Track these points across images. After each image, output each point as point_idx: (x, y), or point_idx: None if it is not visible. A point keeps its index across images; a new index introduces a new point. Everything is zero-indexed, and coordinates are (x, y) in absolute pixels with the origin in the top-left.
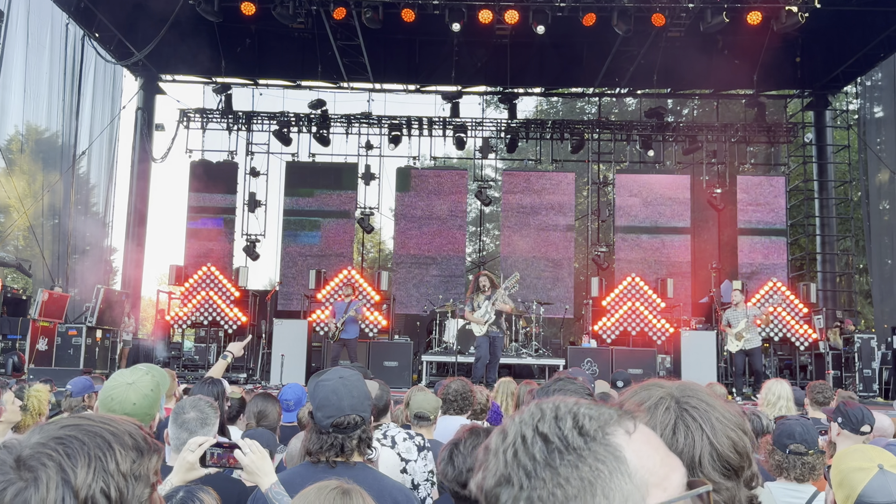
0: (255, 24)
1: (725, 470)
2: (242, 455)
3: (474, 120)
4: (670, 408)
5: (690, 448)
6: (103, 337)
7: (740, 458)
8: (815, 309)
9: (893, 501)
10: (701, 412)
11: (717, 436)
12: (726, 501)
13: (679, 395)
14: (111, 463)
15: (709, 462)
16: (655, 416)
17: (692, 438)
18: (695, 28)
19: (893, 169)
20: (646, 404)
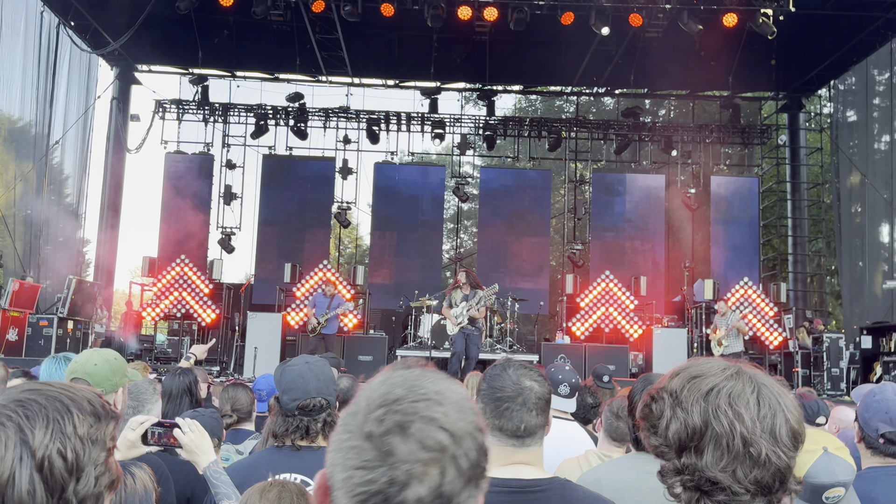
0: (233, 15)
1: (793, 440)
2: (182, 434)
3: (453, 116)
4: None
5: (772, 416)
6: (74, 328)
7: (802, 433)
8: (785, 309)
9: (837, 481)
10: (774, 391)
11: (791, 411)
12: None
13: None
14: (69, 426)
15: (786, 431)
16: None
17: (772, 408)
18: (672, 29)
19: (865, 172)
20: (727, 370)
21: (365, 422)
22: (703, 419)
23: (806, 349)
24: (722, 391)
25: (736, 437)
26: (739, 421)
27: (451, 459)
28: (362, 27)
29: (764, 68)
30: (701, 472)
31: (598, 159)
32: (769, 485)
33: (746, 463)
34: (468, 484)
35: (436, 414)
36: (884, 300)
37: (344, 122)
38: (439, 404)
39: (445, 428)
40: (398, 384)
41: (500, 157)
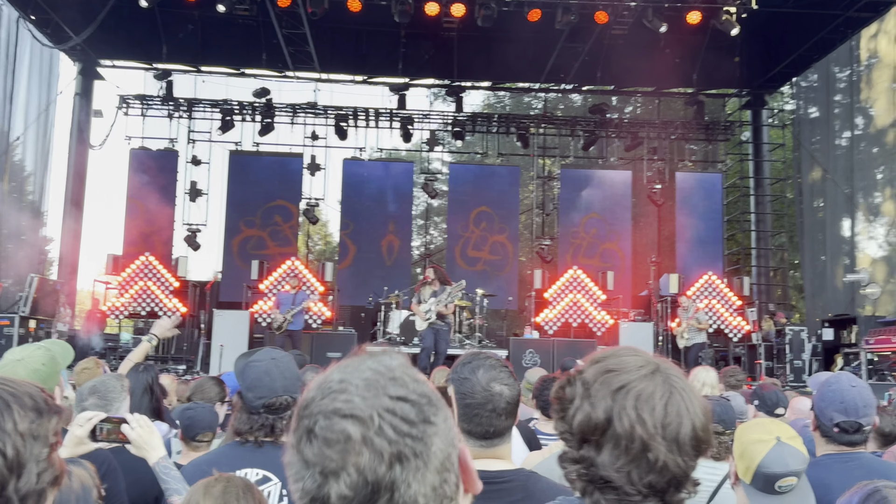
0: (198, 9)
1: (696, 447)
2: (130, 430)
3: (421, 112)
4: (659, 378)
5: (678, 421)
6: (37, 327)
7: (708, 440)
8: (748, 302)
9: (789, 471)
10: (687, 395)
11: (698, 416)
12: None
13: (662, 367)
14: (8, 423)
15: (689, 438)
16: (650, 382)
17: (680, 415)
18: (637, 27)
19: (826, 168)
20: (643, 369)
21: (291, 436)
22: (606, 416)
23: (769, 341)
24: (631, 391)
25: (635, 440)
26: (641, 424)
27: (364, 443)
28: (329, 22)
29: (728, 66)
30: (596, 468)
31: (565, 155)
32: (663, 489)
33: (643, 466)
34: (398, 461)
35: (336, 404)
36: (845, 293)
37: (312, 117)
38: (341, 392)
39: (349, 415)
40: (314, 386)
41: (468, 154)
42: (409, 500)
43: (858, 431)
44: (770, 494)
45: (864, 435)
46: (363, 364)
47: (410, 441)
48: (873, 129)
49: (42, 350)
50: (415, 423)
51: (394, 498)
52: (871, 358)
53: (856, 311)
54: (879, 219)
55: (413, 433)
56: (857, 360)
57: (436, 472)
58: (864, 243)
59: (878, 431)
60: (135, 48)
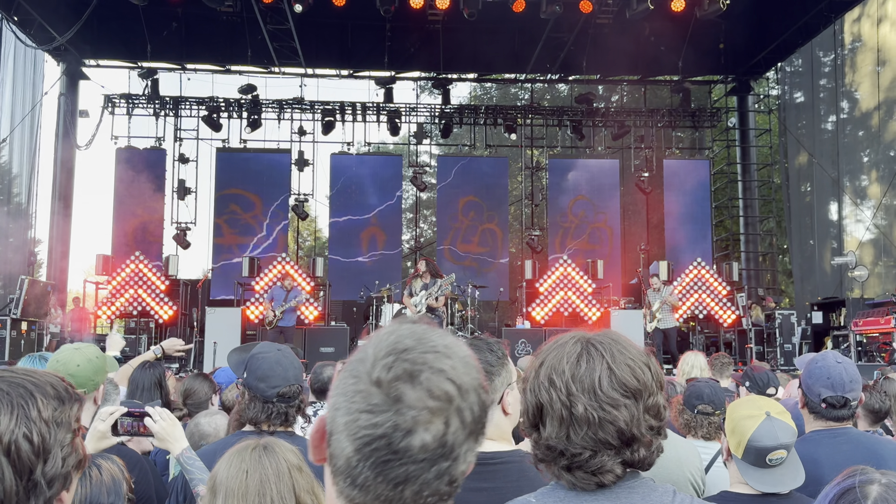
0: (182, 6)
1: (623, 390)
2: (153, 422)
3: (408, 105)
4: (579, 342)
5: (591, 372)
6: (28, 329)
7: (638, 382)
8: (737, 287)
9: (779, 444)
10: (605, 346)
11: (616, 363)
12: (626, 419)
13: (590, 336)
14: (33, 410)
15: (608, 383)
16: (564, 348)
17: (592, 364)
18: (622, 15)
19: (812, 152)
20: (558, 342)
21: (373, 368)
22: (535, 396)
23: (759, 326)
24: (545, 364)
25: (556, 402)
26: (554, 388)
27: (457, 411)
28: (314, 17)
29: (712, 52)
30: (545, 441)
31: (553, 146)
32: (609, 442)
33: (574, 425)
34: (469, 437)
35: (444, 366)
36: (833, 276)
37: (298, 113)
38: (447, 357)
39: (453, 380)
40: (407, 335)
41: (456, 146)
42: (456, 475)
43: (845, 406)
44: (761, 468)
45: (851, 409)
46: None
47: (477, 427)
48: (858, 113)
49: (95, 347)
50: (485, 412)
51: (450, 468)
52: (859, 340)
53: (844, 293)
54: (866, 202)
55: (482, 420)
56: (847, 342)
57: (468, 464)
58: (851, 226)
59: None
60: (119, 47)
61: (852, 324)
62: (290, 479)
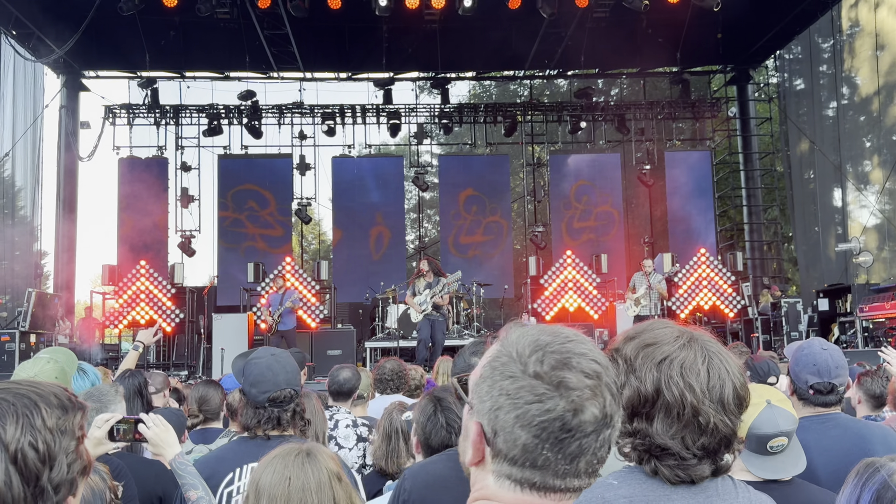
0: (179, 15)
1: (739, 405)
2: (146, 429)
3: (408, 106)
4: (701, 348)
5: (721, 385)
6: (37, 341)
7: (747, 399)
8: (743, 277)
9: (780, 431)
10: (723, 357)
11: (736, 376)
12: (734, 432)
13: (703, 340)
14: (38, 419)
15: (733, 398)
16: (691, 350)
17: (721, 377)
18: (618, 9)
19: (814, 139)
20: (680, 339)
21: (526, 365)
22: (655, 387)
23: (766, 315)
24: (675, 361)
25: (686, 406)
26: (690, 391)
27: (606, 385)
28: (311, 21)
29: (710, 42)
30: (651, 437)
31: (554, 141)
32: (715, 449)
33: (695, 430)
34: (619, 405)
35: (584, 349)
36: (838, 263)
37: (299, 117)
38: (582, 343)
39: (596, 360)
40: (540, 333)
41: (457, 145)
42: (612, 440)
43: (832, 392)
44: (763, 455)
45: (838, 395)
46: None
47: (620, 397)
48: (858, 98)
49: (51, 364)
50: (620, 385)
51: (610, 435)
52: (866, 325)
53: (850, 280)
54: (869, 187)
55: (622, 392)
56: (853, 329)
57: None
58: (855, 212)
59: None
60: (118, 58)
61: (858, 310)
62: (331, 490)
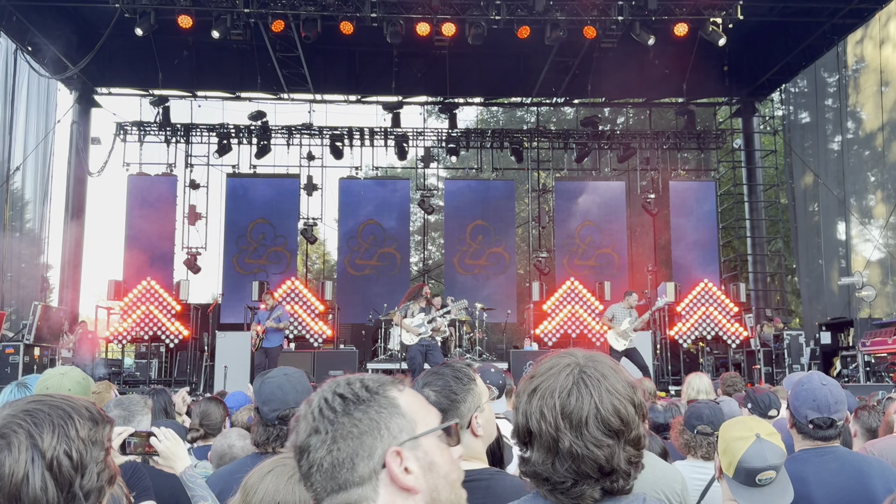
0: (193, 35)
1: (607, 430)
2: (158, 442)
3: (415, 130)
4: (572, 374)
5: (579, 410)
6: (41, 354)
7: (621, 422)
8: (745, 308)
9: (768, 465)
10: (595, 381)
11: (603, 402)
12: (607, 456)
13: (584, 363)
14: (72, 430)
15: (593, 422)
16: (558, 378)
17: (581, 402)
18: (626, 40)
19: (818, 172)
20: (553, 369)
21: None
22: (525, 420)
23: (768, 346)
24: (538, 391)
25: (544, 434)
26: (543, 420)
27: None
28: (322, 44)
29: (716, 74)
30: (531, 466)
31: (559, 168)
32: (588, 475)
33: (560, 456)
34: (314, 432)
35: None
36: (841, 296)
37: (307, 138)
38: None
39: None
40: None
41: (463, 169)
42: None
43: (831, 426)
44: (751, 487)
45: (837, 429)
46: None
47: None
48: (863, 133)
49: (76, 370)
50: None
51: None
52: (868, 360)
53: (852, 314)
54: (873, 221)
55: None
56: (855, 363)
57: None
58: (859, 246)
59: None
60: (131, 75)
61: (860, 344)
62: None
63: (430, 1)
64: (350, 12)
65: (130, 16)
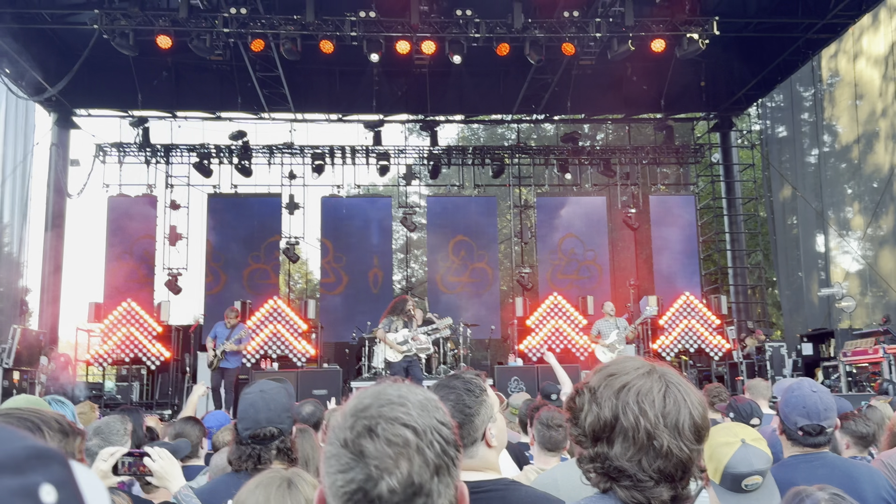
0: (172, 56)
1: (696, 436)
2: (152, 462)
3: (397, 147)
4: (661, 378)
5: (677, 412)
6: (21, 378)
7: (706, 430)
8: (727, 320)
9: (754, 470)
10: (683, 389)
11: (693, 408)
12: (694, 459)
13: (666, 373)
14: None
15: (689, 425)
16: (648, 380)
17: (678, 405)
18: (604, 56)
19: (796, 185)
20: (639, 370)
21: (341, 432)
22: (612, 413)
23: (751, 359)
24: (632, 388)
25: (640, 430)
26: (644, 416)
27: (417, 451)
28: (303, 64)
29: (694, 90)
30: (610, 461)
31: (540, 184)
32: (672, 474)
33: (650, 454)
34: (437, 473)
35: (398, 413)
36: (821, 308)
37: (289, 157)
38: (401, 405)
39: (408, 424)
40: (367, 396)
41: (445, 186)
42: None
43: (821, 433)
44: (737, 493)
45: (827, 436)
46: (412, 389)
47: (447, 459)
48: (839, 146)
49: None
50: (451, 445)
51: (427, 503)
52: (849, 370)
53: (833, 324)
54: (851, 233)
55: (449, 453)
56: (837, 373)
57: (454, 491)
58: (838, 258)
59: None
60: (110, 96)
61: (842, 354)
62: None
63: (409, 20)
64: (330, 31)
65: (109, 37)
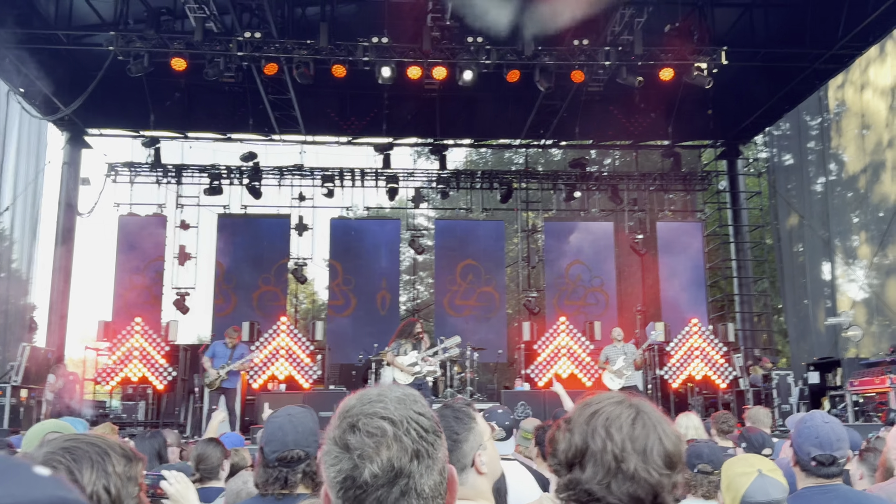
0: (185, 77)
1: (667, 463)
2: (168, 485)
3: (406, 170)
4: (632, 408)
5: (645, 437)
6: (28, 396)
7: (678, 458)
8: (734, 348)
9: (770, 500)
10: (654, 418)
11: (664, 435)
12: (664, 485)
13: (638, 404)
14: (109, 466)
15: (657, 451)
16: (619, 408)
17: (647, 431)
18: (613, 83)
19: (803, 213)
20: (611, 400)
21: (332, 431)
22: (582, 439)
23: (757, 387)
24: (601, 415)
25: (608, 453)
26: (611, 440)
27: (395, 439)
28: (314, 87)
29: (702, 118)
30: (581, 485)
31: (548, 208)
32: (642, 499)
33: (619, 477)
34: (416, 457)
35: (377, 409)
36: (828, 336)
37: (298, 178)
38: (380, 402)
39: (386, 417)
40: (352, 398)
41: (453, 209)
42: (419, 488)
43: (834, 464)
44: None
45: (840, 467)
46: (394, 388)
47: (425, 444)
48: (846, 175)
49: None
50: (429, 432)
51: (409, 484)
52: (856, 399)
53: (839, 353)
54: (858, 262)
55: (428, 439)
56: (843, 403)
57: (438, 474)
58: (844, 286)
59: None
60: (122, 117)
61: (848, 384)
62: None
63: (421, 46)
64: (343, 56)
65: (124, 59)
